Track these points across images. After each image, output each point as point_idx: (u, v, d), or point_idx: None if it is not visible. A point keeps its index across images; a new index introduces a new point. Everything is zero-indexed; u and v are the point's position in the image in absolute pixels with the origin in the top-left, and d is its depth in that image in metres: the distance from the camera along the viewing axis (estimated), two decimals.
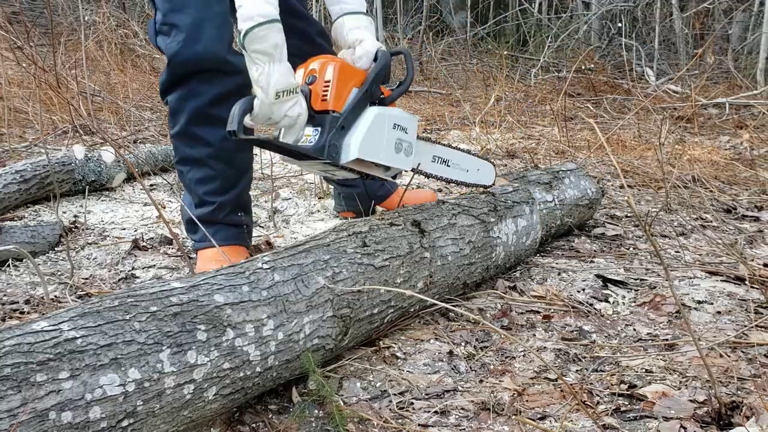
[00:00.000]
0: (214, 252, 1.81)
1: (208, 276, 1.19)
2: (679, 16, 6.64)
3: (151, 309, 1.05)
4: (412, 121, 1.63)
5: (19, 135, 3.44)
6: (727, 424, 1.22)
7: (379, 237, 1.50)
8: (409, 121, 1.63)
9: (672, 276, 1.99)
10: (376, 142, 1.56)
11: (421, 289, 1.58)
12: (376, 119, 1.55)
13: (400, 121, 1.61)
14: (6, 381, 0.86)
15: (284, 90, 1.44)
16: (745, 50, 6.87)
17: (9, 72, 4.11)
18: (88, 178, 2.61)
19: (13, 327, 0.95)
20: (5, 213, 2.31)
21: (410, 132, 1.63)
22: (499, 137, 4.10)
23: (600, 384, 1.39)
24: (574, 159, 3.44)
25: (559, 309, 1.76)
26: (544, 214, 2.12)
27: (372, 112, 1.55)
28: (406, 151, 1.63)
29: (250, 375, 1.16)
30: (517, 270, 2.02)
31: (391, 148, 1.59)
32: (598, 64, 6.32)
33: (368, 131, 1.54)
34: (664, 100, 5.27)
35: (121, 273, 1.89)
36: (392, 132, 1.59)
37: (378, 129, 1.56)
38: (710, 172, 3.36)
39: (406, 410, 1.28)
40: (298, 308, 1.25)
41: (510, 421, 1.25)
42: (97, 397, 0.93)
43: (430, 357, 1.48)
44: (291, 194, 2.76)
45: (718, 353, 1.51)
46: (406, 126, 1.62)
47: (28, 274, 1.84)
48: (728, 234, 2.48)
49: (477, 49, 7.54)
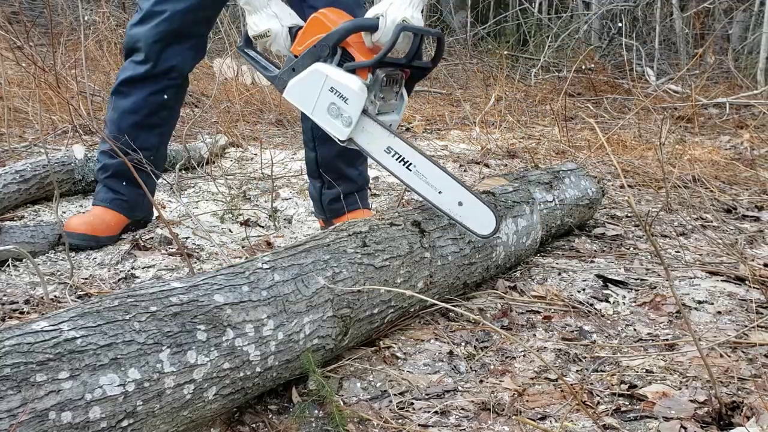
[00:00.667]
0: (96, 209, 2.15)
1: (208, 276, 1.19)
2: (680, 16, 6.64)
3: (150, 309, 1.05)
4: (355, 96, 1.65)
5: (19, 135, 3.44)
6: (728, 425, 1.22)
7: (379, 237, 1.50)
8: (350, 93, 1.66)
9: (672, 276, 1.99)
10: (306, 94, 1.71)
11: (421, 289, 1.58)
12: (312, 74, 1.69)
13: (340, 88, 1.66)
14: (6, 381, 0.86)
15: (256, 35, 1.85)
16: (746, 50, 6.87)
17: (9, 72, 4.11)
18: (88, 178, 2.61)
19: (13, 327, 0.95)
20: (5, 213, 2.31)
21: (350, 104, 1.66)
22: (500, 137, 4.10)
23: (600, 384, 1.39)
24: (575, 159, 3.44)
25: (560, 309, 1.76)
26: (545, 214, 2.12)
27: (313, 66, 1.70)
28: (344, 120, 1.67)
29: (250, 375, 1.16)
30: (517, 270, 2.02)
31: (323, 108, 1.69)
32: (598, 63, 6.32)
33: (300, 80, 1.72)
34: (664, 99, 5.27)
35: (121, 273, 1.89)
36: (328, 93, 1.67)
37: (312, 83, 1.69)
38: (710, 172, 3.36)
39: (406, 410, 1.28)
40: (298, 308, 1.25)
41: (510, 422, 1.25)
42: (97, 397, 0.93)
43: (430, 357, 1.48)
44: (291, 194, 2.76)
45: (718, 353, 1.51)
46: (346, 96, 1.66)
47: (27, 274, 1.84)
48: (728, 234, 2.48)
49: (477, 49, 7.54)
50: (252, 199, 2.63)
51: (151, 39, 2.02)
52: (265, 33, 1.83)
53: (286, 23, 1.83)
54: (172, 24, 2.00)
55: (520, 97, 5.31)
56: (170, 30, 2.01)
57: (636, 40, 6.62)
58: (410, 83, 1.81)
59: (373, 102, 1.69)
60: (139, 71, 2.06)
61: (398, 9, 1.65)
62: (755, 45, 6.56)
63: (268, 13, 1.83)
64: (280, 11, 1.84)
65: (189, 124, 3.48)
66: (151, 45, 2.02)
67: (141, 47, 2.04)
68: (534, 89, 5.67)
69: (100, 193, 2.17)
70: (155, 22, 2.01)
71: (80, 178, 2.60)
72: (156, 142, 2.15)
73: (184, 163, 2.80)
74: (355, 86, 1.65)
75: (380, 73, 1.66)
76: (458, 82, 6.19)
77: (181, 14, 2.00)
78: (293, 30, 1.82)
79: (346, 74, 1.66)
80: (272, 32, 1.83)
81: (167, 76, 2.07)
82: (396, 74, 1.73)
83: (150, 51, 2.03)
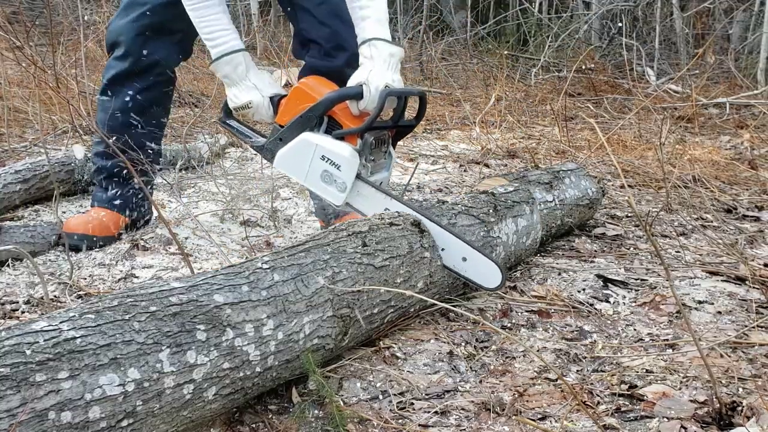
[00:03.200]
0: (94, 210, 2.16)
1: (208, 276, 1.19)
2: (680, 16, 6.63)
3: (150, 309, 1.05)
4: (347, 162, 1.70)
5: (19, 135, 3.44)
6: (728, 424, 1.22)
7: (379, 237, 1.50)
8: (343, 160, 1.71)
9: (672, 276, 1.99)
10: (297, 163, 1.75)
11: (421, 289, 1.57)
12: (302, 143, 1.74)
13: (331, 156, 1.71)
14: (5, 381, 0.86)
15: (237, 107, 1.87)
16: (746, 50, 6.87)
17: (9, 72, 4.11)
18: (87, 178, 2.61)
19: (13, 327, 0.95)
20: (5, 213, 2.31)
21: (344, 170, 1.71)
22: (500, 137, 4.10)
23: (600, 384, 1.39)
24: (575, 159, 3.43)
25: (560, 309, 1.76)
26: (545, 213, 2.12)
27: (302, 136, 1.74)
28: (338, 186, 1.72)
29: (250, 375, 1.16)
30: (517, 270, 2.02)
31: (316, 175, 1.73)
32: (598, 63, 6.32)
33: (289, 149, 1.76)
34: (664, 99, 5.27)
35: (121, 273, 1.89)
36: (320, 162, 1.72)
37: (302, 152, 1.74)
38: (711, 172, 3.36)
39: (406, 410, 1.28)
40: (297, 308, 1.25)
41: (510, 421, 1.24)
42: (97, 397, 0.93)
43: (430, 357, 1.48)
44: (291, 194, 2.76)
45: (718, 353, 1.51)
46: (339, 163, 1.71)
47: (27, 274, 1.84)
48: (729, 234, 2.48)
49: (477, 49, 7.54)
50: (252, 199, 2.63)
51: (133, 32, 2.01)
52: (247, 105, 1.86)
53: (266, 93, 1.86)
54: (153, 17, 1.99)
55: (520, 97, 5.30)
56: (151, 23, 2.00)
57: (636, 40, 6.62)
58: (395, 140, 1.88)
59: (365, 165, 1.74)
60: (123, 67, 2.05)
61: (380, 76, 1.71)
62: (755, 45, 6.56)
63: (248, 84, 1.86)
64: (259, 82, 1.86)
65: (189, 124, 3.48)
66: (132, 38, 2.01)
67: (122, 41, 2.03)
68: (534, 89, 5.67)
69: (97, 194, 2.20)
70: (136, 14, 2.01)
71: (80, 178, 2.60)
72: (149, 140, 2.15)
73: (184, 163, 2.80)
74: (346, 153, 1.70)
75: (369, 137, 1.73)
76: (458, 82, 6.19)
77: (161, 7, 1.98)
78: (275, 99, 1.85)
79: (336, 142, 1.72)
80: (254, 103, 1.85)
81: (152, 71, 2.06)
82: (383, 135, 1.80)
83: (131, 45, 2.02)
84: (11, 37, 4.01)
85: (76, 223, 2.08)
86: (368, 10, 1.78)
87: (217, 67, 1.85)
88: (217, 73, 1.88)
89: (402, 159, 3.62)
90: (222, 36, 1.83)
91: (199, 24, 1.85)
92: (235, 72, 1.84)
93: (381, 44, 1.75)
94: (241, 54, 1.84)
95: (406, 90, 1.77)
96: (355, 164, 1.70)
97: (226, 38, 1.83)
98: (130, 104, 2.09)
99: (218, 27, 1.83)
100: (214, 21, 1.83)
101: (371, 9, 1.78)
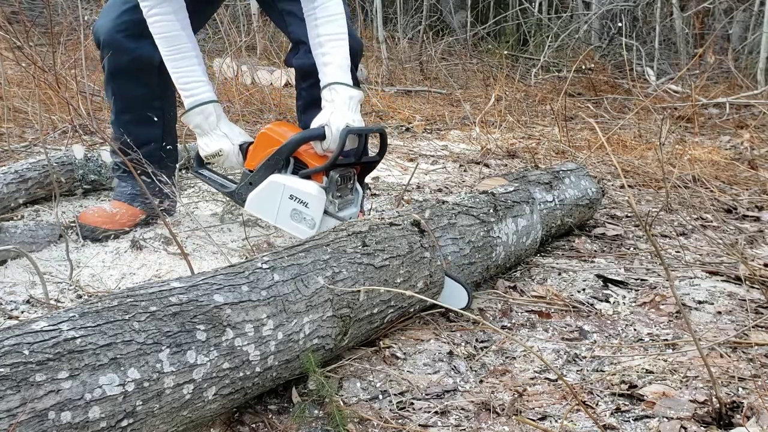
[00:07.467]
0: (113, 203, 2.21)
1: (208, 276, 1.19)
2: (680, 16, 6.64)
3: (150, 309, 1.05)
4: (314, 199, 1.78)
5: (19, 135, 3.44)
6: (728, 424, 1.22)
7: (378, 237, 1.50)
8: (310, 198, 1.79)
9: (672, 276, 1.99)
10: (267, 204, 1.83)
11: (421, 289, 1.57)
12: (270, 185, 1.82)
13: (299, 194, 1.80)
14: (5, 381, 0.86)
15: (208, 155, 1.97)
16: (746, 50, 6.87)
17: (9, 72, 4.11)
18: (88, 178, 2.61)
19: (13, 327, 0.94)
20: (5, 213, 2.31)
21: (311, 207, 1.79)
22: (500, 137, 4.10)
23: (600, 384, 1.39)
24: (575, 159, 3.44)
25: (560, 309, 1.76)
26: (545, 213, 2.12)
27: (270, 178, 1.83)
28: (308, 223, 1.80)
29: (250, 375, 1.16)
30: (517, 270, 2.02)
31: (285, 214, 1.81)
32: (598, 63, 6.32)
33: (259, 191, 1.84)
34: (664, 99, 5.27)
35: (121, 273, 1.89)
36: (288, 201, 1.80)
37: (271, 194, 1.82)
38: (711, 172, 3.36)
39: (406, 410, 1.28)
40: (297, 308, 1.25)
41: (510, 421, 1.24)
42: (97, 397, 0.93)
43: (430, 357, 1.48)
44: None
45: (718, 353, 1.51)
46: (306, 201, 1.79)
47: (27, 274, 1.84)
48: (729, 234, 2.48)
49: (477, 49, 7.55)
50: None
51: (114, 29, 2.03)
52: (218, 153, 1.95)
53: (236, 142, 1.95)
54: (135, 14, 1.98)
55: (520, 97, 5.31)
56: (132, 20, 2.01)
57: (636, 40, 6.63)
58: (361, 177, 1.97)
59: (332, 202, 1.82)
60: (111, 65, 2.07)
61: (340, 117, 1.81)
62: (755, 45, 6.56)
63: (218, 134, 1.95)
64: (229, 131, 1.96)
65: None
66: (113, 35, 2.03)
67: (105, 39, 2.05)
68: (534, 89, 5.67)
69: (117, 188, 2.28)
70: (118, 12, 2.04)
71: (80, 178, 2.60)
72: (159, 134, 2.19)
73: (184, 163, 2.80)
74: (313, 191, 1.79)
75: (334, 174, 1.81)
76: (458, 82, 6.19)
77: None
78: (243, 147, 1.95)
79: (303, 181, 1.81)
80: (224, 151, 1.95)
81: (138, 66, 2.07)
82: (348, 172, 1.89)
83: (113, 41, 2.04)
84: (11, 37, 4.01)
85: (92, 215, 2.13)
86: (329, 56, 1.90)
87: (189, 118, 1.94)
88: (189, 124, 1.95)
89: (402, 159, 3.63)
90: (196, 87, 1.91)
91: (175, 74, 1.92)
92: (206, 122, 1.94)
93: (341, 88, 1.86)
94: (212, 105, 1.93)
95: (366, 128, 1.87)
96: (321, 201, 1.79)
97: (200, 89, 1.92)
98: (131, 102, 2.11)
99: (192, 78, 1.91)
100: (189, 72, 1.91)
101: (332, 56, 1.89)
